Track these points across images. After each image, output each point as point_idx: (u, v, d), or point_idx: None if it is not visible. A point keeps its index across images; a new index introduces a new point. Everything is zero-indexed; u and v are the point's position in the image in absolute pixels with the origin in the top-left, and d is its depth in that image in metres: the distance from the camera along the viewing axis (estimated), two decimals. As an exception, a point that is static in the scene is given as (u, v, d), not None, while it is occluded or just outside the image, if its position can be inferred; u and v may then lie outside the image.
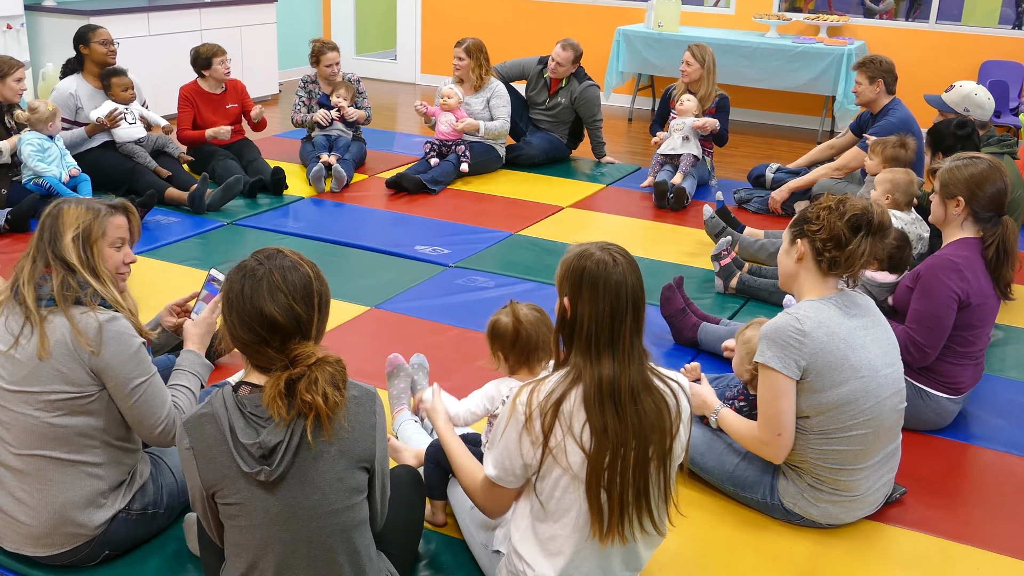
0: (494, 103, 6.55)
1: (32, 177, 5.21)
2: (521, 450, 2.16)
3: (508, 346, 2.67)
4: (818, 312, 2.66)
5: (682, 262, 5.01)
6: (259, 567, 2.07)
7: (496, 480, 2.25)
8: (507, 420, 2.18)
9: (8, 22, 7.24)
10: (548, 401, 2.13)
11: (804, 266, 2.74)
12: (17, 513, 2.49)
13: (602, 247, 2.18)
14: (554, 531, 2.21)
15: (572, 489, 2.15)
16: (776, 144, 8.04)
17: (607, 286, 2.12)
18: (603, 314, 2.12)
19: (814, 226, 2.68)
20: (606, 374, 2.11)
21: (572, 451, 2.12)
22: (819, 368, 2.63)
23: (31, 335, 2.41)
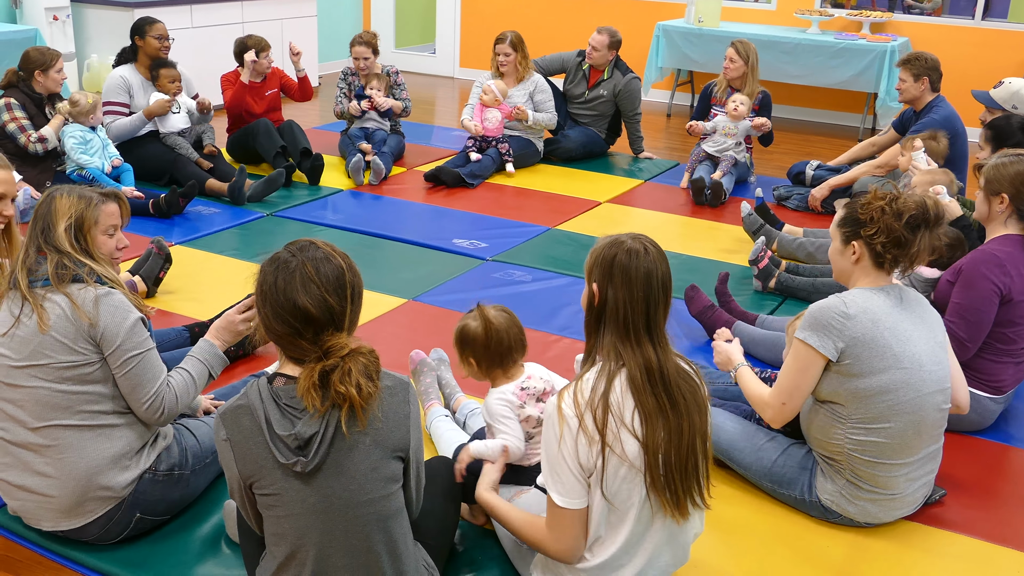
0: (538, 98, 6.55)
1: (75, 168, 5.28)
2: (579, 455, 2.14)
3: (480, 351, 2.65)
4: (867, 299, 2.66)
5: (719, 258, 4.98)
6: (298, 556, 2.09)
7: (566, 505, 2.18)
8: (558, 431, 2.16)
9: (55, 13, 7.34)
10: (595, 396, 2.13)
11: (862, 266, 2.73)
12: (45, 488, 2.54)
13: (632, 236, 2.22)
14: (608, 525, 2.21)
15: (630, 479, 2.15)
16: (816, 141, 7.97)
17: (638, 273, 2.16)
18: (638, 300, 2.16)
19: (870, 228, 2.66)
20: (651, 358, 2.15)
21: (627, 441, 2.13)
22: (858, 352, 2.62)
23: (31, 313, 2.48)
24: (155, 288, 4.29)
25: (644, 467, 2.15)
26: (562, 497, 2.18)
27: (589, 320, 2.23)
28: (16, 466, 2.56)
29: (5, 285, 2.56)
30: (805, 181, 6.10)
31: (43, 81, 5.35)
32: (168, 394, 2.58)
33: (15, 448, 2.55)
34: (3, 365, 2.51)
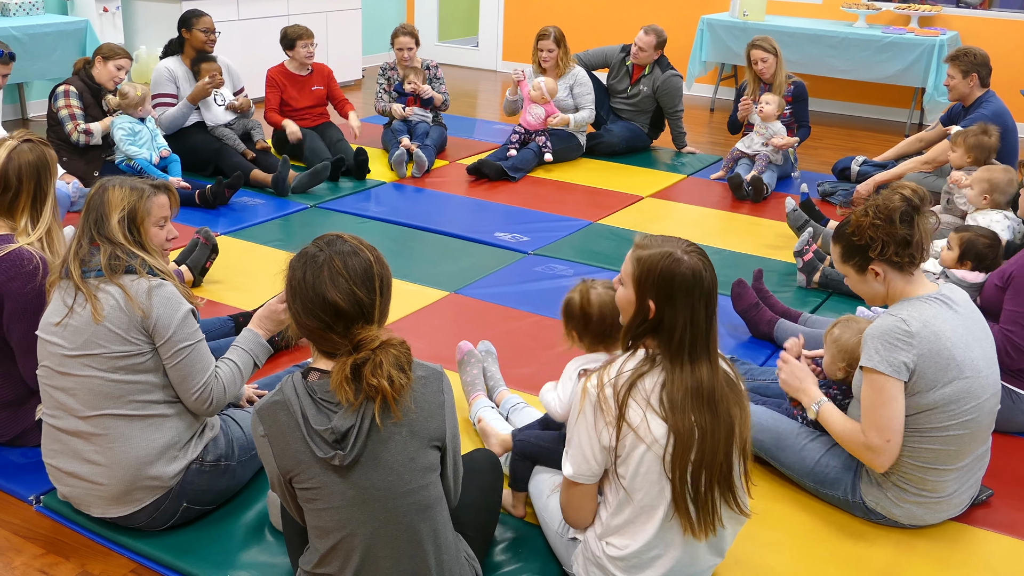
0: (578, 91, 6.54)
1: (124, 159, 5.36)
2: (597, 432, 2.17)
3: (581, 327, 2.64)
4: (922, 311, 2.61)
5: (762, 254, 4.94)
6: (341, 548, 2.11)
7: (573, 478, 2.25)
8: (579, 406, 2.21)
9: (105, 5, 7.44)
10: (620, 377, 2.15)
11: (890, 281, 2.70)
12: (95, 476, 2.58)
13: (687, 249, 2.19)
14: (636, 514, 2.21)
15: (655, 467, 2.16)
16: (861, 136, 7.88)
17: (702, 294, 2.16)
18: (699, 321, 2.16)
19: (875, 247, 2.65)
20: (702, 378, 2.16)
21: (655, 424, 2.13)
22: (924, 369, 2.58)
23: (84, 304, 2.51)
24: (201, 278, 4.35)
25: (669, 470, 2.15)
26: (570, 467, 2.25)
27: (635, 328, 2.22)
28: (66, 453, 2.61)
29: (56, 275, 2.61)
30: (850, 177, 6.04)
31: (100, 70, 5.44)
32: (216, 385, 2.62)
33: (65, 436, 2.59)
34: (56, 354, 2.55)
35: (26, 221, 2.93)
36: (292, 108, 6.34)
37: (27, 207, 2.92)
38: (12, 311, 2.83)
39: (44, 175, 2.94)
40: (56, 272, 2.61)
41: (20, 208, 2.92)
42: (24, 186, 2.90)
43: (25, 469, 2.95)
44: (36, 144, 2.96)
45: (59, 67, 7.07)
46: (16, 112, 7.58)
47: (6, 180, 2.89)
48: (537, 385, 3.43)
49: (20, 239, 2.89)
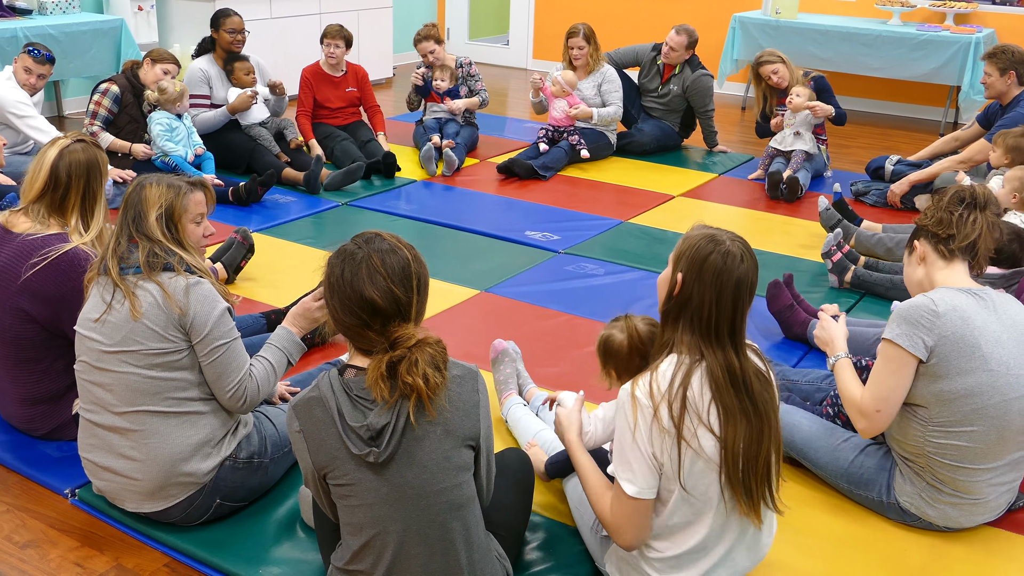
0: (605, 88, 6.52)
1: (160, 155, 5.41)
2: (653, 445, 2.14)
3: (622, 364, 2.55)
4: (954, 297, 2.61)
5: (795, 254, 4.91)
6: (374, 545, 2.12)
7: (637, 495, 2.17)
8: (632, 419, 2.15)
9: (140, 3, 7.51)
10: (672, 389, 2.13)
11: (929, 263, 2.71)
12: (130, 471, 2.61)
13: (732, 238, 2.19)
14: (679, 519, 2.20)
15: (706, 474, 2.15)
16: (895, 135, 7.80)
17: (730, 279, 2.14)
18: (725, 306, 2.15)
19: (924, 220, 2.73)
20: (732, 363, 2.14)
21: (704, 437, 2.12)
22: (946, 352, 2.56)
23: (123, 300, 2.53)
24: (235, 276, 4.38)
25: (720, 464, 2.14)
26: (632, 486, 2.17)
27: (668, 306, 2.22)
28: (102, 448, 2.64)
29: (95, 271, 2.64)
30: (884, 176, 5.98)
31: (147, 72, 5.52)
32: (250, 383, 2.64)
33: (101, 431, 2.62)
34: (94, 349, 2.58)
35: (77, 220, 2.96)
36: (325, 108, 6.37)
37: (76, 205, 2.96)
38: (73, 310, 2.85)
39: (94, 175, 2.97)
40: (95, 268, 2.64)
41: (70, 206, 2.95)
42: (74, 184, 2.94)
43: (61, 463, 2.99)
44: (88, 145, 2.99)
45: (95, 65, 7.15)
46: (52, 109, 7.67)
47: (56, 177, 2.93)
48: (567, 384, 3.44)
49: (74, 238, 2.93)
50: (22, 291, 2.89)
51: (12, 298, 2.91)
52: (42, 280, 2.87)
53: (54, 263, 2.86)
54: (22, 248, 2.90)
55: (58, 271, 2.87)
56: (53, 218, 2.96)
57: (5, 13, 6.93)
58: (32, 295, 2.89)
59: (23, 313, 2.92)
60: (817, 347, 3.80)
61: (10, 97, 5.18)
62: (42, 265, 2.85)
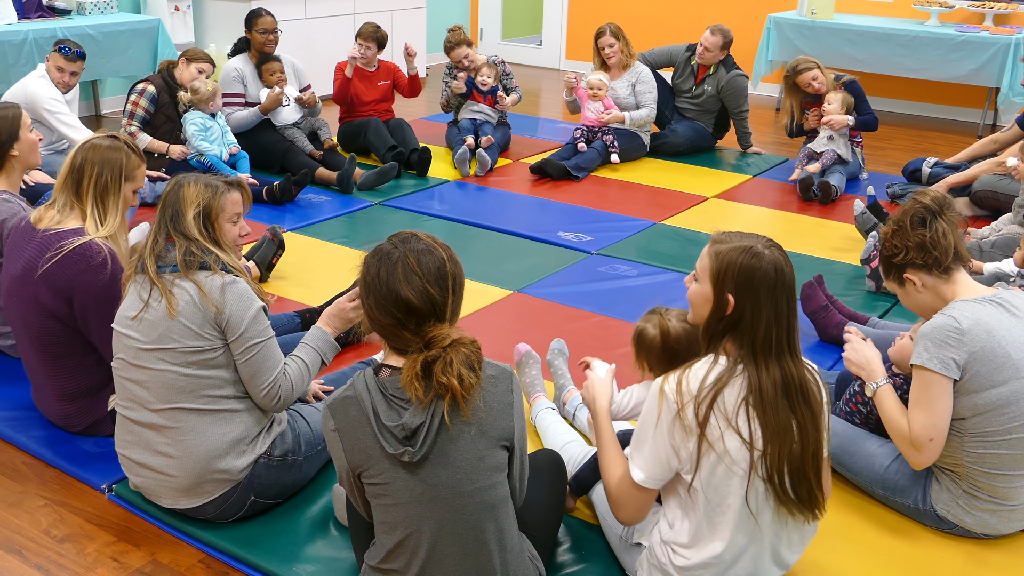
0: (639, 89, 6.50)
1: (195, 155, 5.46)
2: (674, 441, 2.14)
3: (654, 358, 2.58)
4: (975, 310, 2.57)
5: (828, 256, 4.87)
6: (407, 544, 2.12)
7: (642, 483, 2.21)
8: (657, 412, 2.16)
9: (176, 4, 7.58)
10: (702, 389, 2.11)
11: (930, 286, 2.67)
12: (166, 468, 2.63)
13: (766, 244, 2.17)
14: (704, 525, 2.19)
15: (727, 478, 2.13)
16: (932, 137, 7.72)
17: (784, 290, 2.13)
18: (783, 316, 2.13)
19: (899, 254, 2.67)
20: (790, 372, 2.13)
21: (730, 440, 2.11)
22: (978, 367, 2.53)
23: (160, 298, 2.55)
24: (267, 273, 4.41)
25: (750, 469, 2.12)
26: (640, 473, 2.20)
27: (714, 325, 2.19)
28: (139, 444, 2.66)
29: (132, 270, 2.66)
30: (921, 179, 5.91)
31: (182, 71, 5.58)
32: (284, 382, 2.65)
33: (138, 427, 2.65)
34: (131, 347, 2.60)
35: (92, 209, 2.98)
36: (359, 102, 6.42)
37: (90, 192, 2.97)
38: (83, 304, 2.90)
39: (112, 169, 2.98)
40: (132, 267, 2.66)
41: (84, 192, 2.97)
42: (87, 169, 2.96)
43: (98, 458, 3.02)
44: (117, 142, 3.02)
45: (132, 65, 7.23)
46: (90, 109, 7.76)
47: (73, 159, 2.98)
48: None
49: (90, 230, 2.95)
50: (40, 285, 2.93)
51: (34, 292, 2.96)
52: (56, 273, 2.91)
53: (67, 256, 2.90)
54: (42, 243, 2.95)
55: (70, 263, 2.90)
56: (73, 207, 2.98)
57: (44, 13, 7.02)
58: (48, 288, 2.93)
59: (44, 308, 2.95)
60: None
61: (43, 94, 5.23)
62: (57, 258, 2.89)
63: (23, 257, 2.99)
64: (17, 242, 3.05)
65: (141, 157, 3.09)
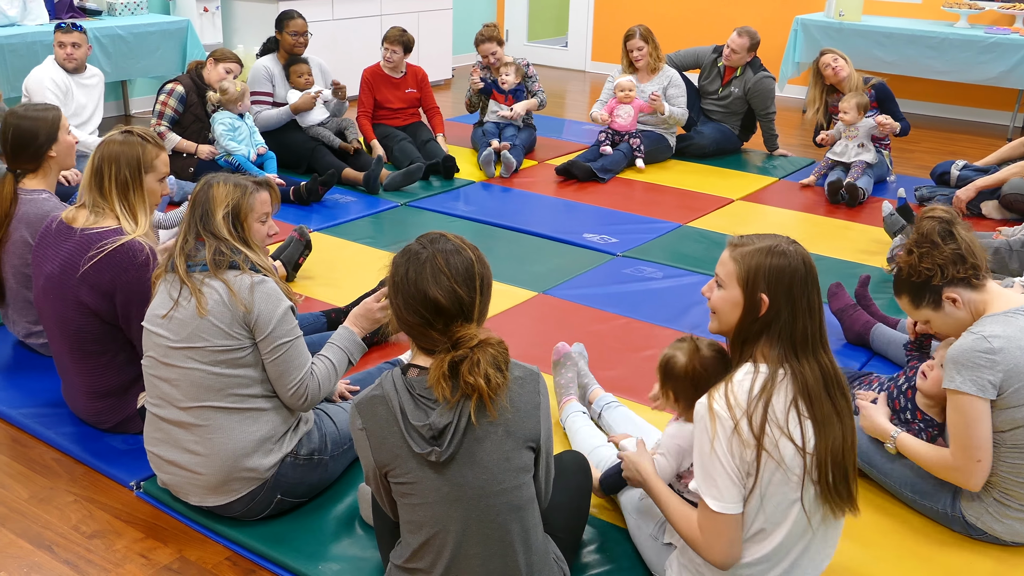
0: (671, 92, 6.48)
1: (224, 154, 5.50)
2: (735, 459, 2.09)
3: (681, 387, 2.49)
4: (1006, 326, 2.52)
5: (856, 259, 4.84)
6: (433, 544, 2.13)
7: (722, 510, 2.12)
8: (711, 431, 2.10)
9: (205, 5, 7.64)
10: (752, 400, 2.09)
11: (966, 303, 2.62)
12: (194, 465, 2.65)
13: (788, 241, 2.17)
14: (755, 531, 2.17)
15: (784, 484, 2.11)
16: (961, 140, 7.66)
17: (814, 285, 2.13)
18: (816, 310, 2.13)
19: (936, 274, 2.62)
20: (825, 365, 2.13)
21: (785, 447, 2.09)
22: (1013, 383, 2.49)
23: (189, 297, 2.58)
24: (294, 273, 4.43)
25: (804, 473, 2.10)
26: (717, 502, 2.11)
27: (747, 328, 2.17)
28: (167, 442, 2.68)
29: (162, 269, 2.69)
30: (950, 182, 5.87)
31: (210, 71, 5.63)
32: (312, 381, 2.67)
33: (167, 425, 2.67)
34: (161, 345, 2.62)
35: (120, 208, 3.02)
36: (385, 109, 6.43)
37: (114, 191, 3.02)
38: (127, 302, 2.94)
39: (129, 164, 3.02)
40: (162, 266, 2.69)
41: (108, 191, 3.02)
42: (105, 170, 3.01)
43: (126, 455, 3.05)
44: (131, 137, 3.05)
45: (161, 65, 7.30)
46: (119, 108, 7.84)
47: (93, 160, 3.03)
48: (624, 388, 3.44)
49: (126, 229, 2.99)
50: (81, 284, 2.97)
51: (73, 291, 2.99)
52: (99, 272, 2.94)
53: (110, 255, 2.93)
54: (81, 242, 2.98)
55: (113, 263, 2.94)
56: (103, 207, 3.02)
57: (76, 14, 7.09)
58: (90, 287, 2.96)
59: (84, 306, 2.99)
60: (879, 353, 3.77)
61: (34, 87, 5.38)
62: (99, 258, 2.93)
63: (60, 256, 3.03)
64: (51, 241, 3.09)
65: (158, 146, 3.11)
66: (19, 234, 3.45)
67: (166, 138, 5.51)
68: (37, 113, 3.52)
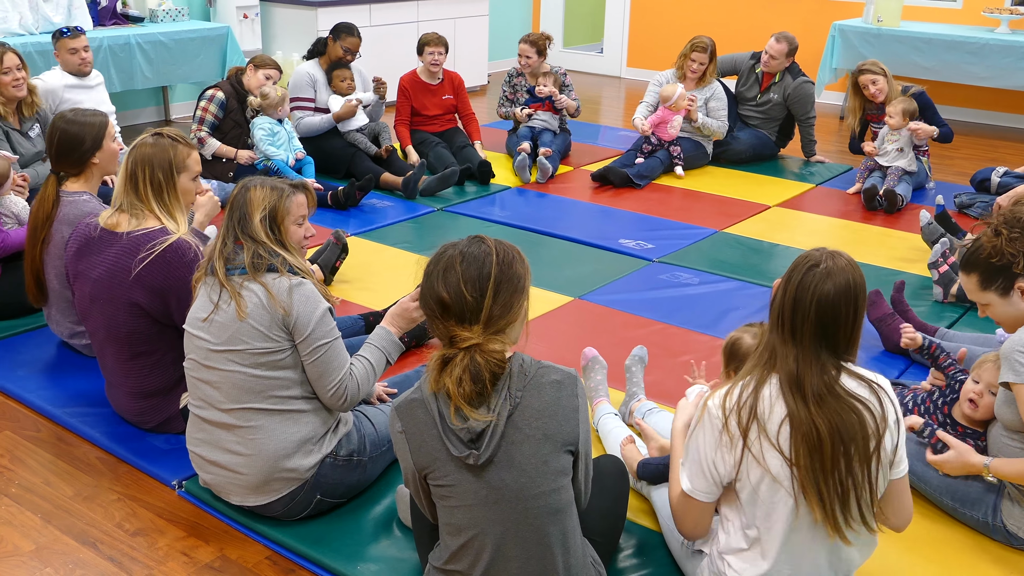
0: (713, 105, 6.46)
1: (263, 159, 5.56)
2: (720, 453, 2.14)
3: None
4: None
5: (894, 267, 4.81)
6: (472, 546, 2.15)
7: (691, 493, 2.23)
8: (698, 425, 2.19)
9: (245, 12, 7.73)
10: (743, 399, 2.12)
11: None
12: (235, 466, 2.68)
13: (833, 254, 2.14)
14: (759, 535, 2.18)
15: (774, 491, 2.12)
16: (1001, 147, 7.58)
17: (794, 282, 2.11)
18: (788, 307, 2.11)
19: (1019, 261, 2.60)
20: (790, 366, 2.10)
21: (770, 455, 2.09)
22: None
23: (229, 301, 2.61)
24: (331, 277, 4.47)
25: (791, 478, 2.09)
26: (688, 483, 2.23)
27: (770, 315, 2.21)
28: (209, 442, 2.72)
29: (202, 272, 2.73)
30: (990, 189, 5.80)
31: (250, 77, 5.69)
32: (351, 382, 2.69)
33: (209, 426, 2.71)
34: (202, 348, 2.66)
35: (157, 208, 3.08)
36: (421, 116, 6.47)
37: (149, 193, 3.07)
38: (180, 299, 2.98)
39: (161, 165, 3.07)
40: (202, 269, 2.73)
41: (144, 194, 3.07)
42: (138, 174, 3.06)
43: (169, 455, 3.10)
44: (161, 139, 3.10)
45: (201, 71, 7.38)
46: (160, 114, 7.94)
47: (126, 164, 3.09)
48: (661, 393, 3.45)
49: (171, 227, 3.05)
50: (134, 285, 3.02)
51: (125, 294, 3.04)
52: (151, 272, 3.00)
53: (161, 255, 2.99)
54: (129, 245, 3.03)
55: (165, 262, 2.99)
56: (142, 209, 3.08)
57: (119, 21, 7.20)
58: (144, 288, 3.01)
59: (137, 308, 3.04)
60: (918, 362, 3.74)
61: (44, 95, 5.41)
62: (151, 258, 2.98)
63: (107, 261, 3.08)
64: (95, 248, 3.13)
65: (189, 145, 3.16)
66: (61, 236, 3.51)
67: (206, 143, 5.57)
68: (85, 118, 3.58)
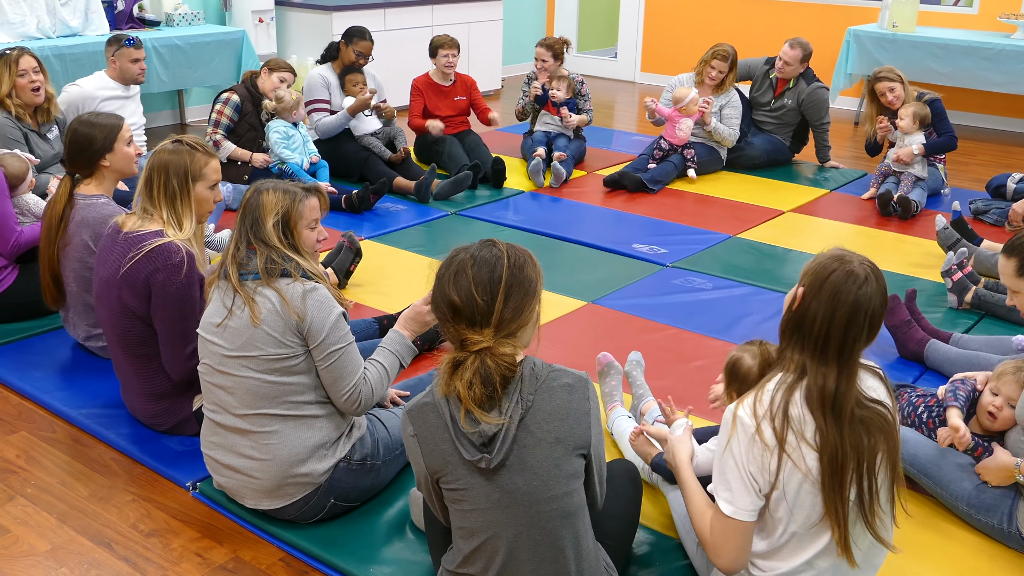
0: (727, 112, 6.45)
1: (277, 162, 5.58)
2: (755, 462, 2.09)
3: (745, 390, 2.43)
4: None
5: (909, 273, 4.79)
6: (484, 550, 2.15)
7: (733, 515, 2.13)
8: (729, 436, 2.13)
9: (260, 16, 7.76)
10: (774, 405, 2.09)
11: None
12: (250, 470, 2.69)
13: (861, 261, 2.13)
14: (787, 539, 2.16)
15: (812, 494, 2.10)
16: (1017, 152, 7.54)
17: (848, 298, 2.07)
18: (838, 325, 2.07)
19: None
20: (830, 385, 2.07)
21: (808, 454, 2.08)
22: None
23: (243, 306, 2.61)
24: (346, 280, 4.48)
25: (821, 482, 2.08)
26: (729, 505, 2.13)
27: (787, 319, 2.17)
28: (225, 446, 2.73)
29: (215, 276, 2.74)
30: (1006, 195, 5.78)
31: (265, 80, 5.72)
32: (365, 386, 2.70)
33: (224, 430, 2.72)
34: (216, 353, 2.67)
35: (167, 213, 3.08)
36: (434, 117, 6.49)
37: (162, 199, 3.08)
38: (157, 301, 3.00)
39: (177, 173, 3.07)
40: (216, 273, 2.73)
41: (157, 199, 3.08)
42: (154, 179, 3.07)
43: (183, 456, 3.11)
44: (181, 146, 3.11)
45: (217, 75, 7.42)
46: (175, 117, 7.98)
47: (146, 168, 3.10)
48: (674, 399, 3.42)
49: (169, 233, 3.05)
50: (122, 284, 3.03)
51: (116, 293, 3.06)
52: (135, 272, 3.00)
53: (147, 254, 2.99)
54: (124, 245, 3.05)
55: (147, 261, 2.99)
56: (152, 212, 3.08)
57: (135, 24, 7.25)
58: (130, 288, 3.02)
59: (126, 308, 3.06)
60: (933, 368, 3.73)
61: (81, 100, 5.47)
62: (137, 257, 2.99)
63: (110, 260, 3.10)
64: (106, 246, 3.17)
65: (208, 154, 3.16)
66: (80, 238, 3.53)
67: (221, 146, 5.60)
68: (99, 120, 3.60)
